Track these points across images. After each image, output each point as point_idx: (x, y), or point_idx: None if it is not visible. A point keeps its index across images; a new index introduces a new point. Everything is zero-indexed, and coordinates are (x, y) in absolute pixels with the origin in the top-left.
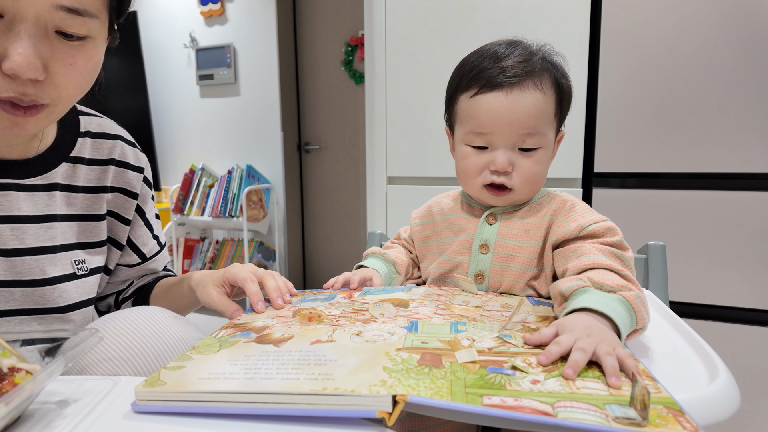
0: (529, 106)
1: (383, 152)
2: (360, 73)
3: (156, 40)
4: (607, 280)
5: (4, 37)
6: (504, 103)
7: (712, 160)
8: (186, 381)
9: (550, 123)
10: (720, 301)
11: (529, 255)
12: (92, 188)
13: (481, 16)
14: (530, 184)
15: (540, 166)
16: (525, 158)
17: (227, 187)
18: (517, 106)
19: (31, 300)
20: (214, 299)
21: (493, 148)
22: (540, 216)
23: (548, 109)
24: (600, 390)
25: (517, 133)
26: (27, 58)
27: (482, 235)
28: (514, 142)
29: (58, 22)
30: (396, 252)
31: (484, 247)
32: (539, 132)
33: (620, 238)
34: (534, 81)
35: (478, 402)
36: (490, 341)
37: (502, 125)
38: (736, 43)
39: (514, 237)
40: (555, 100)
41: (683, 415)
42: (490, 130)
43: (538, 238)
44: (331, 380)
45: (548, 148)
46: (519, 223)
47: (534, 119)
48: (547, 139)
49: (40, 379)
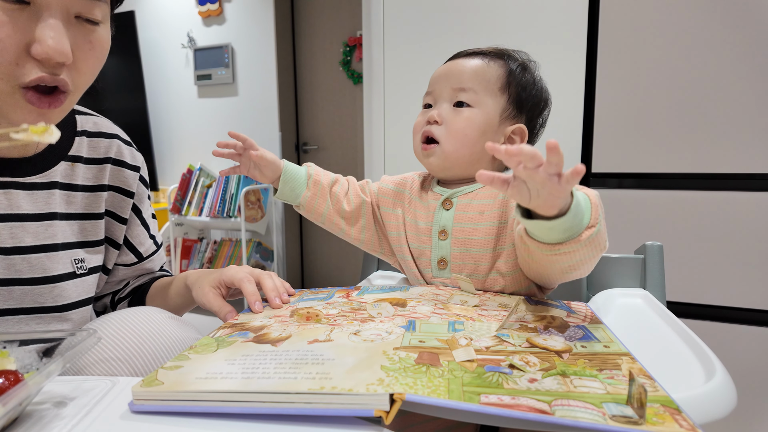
0: (466, 65)
1: (381, 152)
2: (358, 74)
3: (154, 40)
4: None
5: (33, 23)
6: (449, 65)
7: (710, 161)
8: (183, 381)
9: (487, 88)
10: (717, 301)
11: (485, 237)
12: (91, 187)
13: (479, 16)
14: (454, 140)
15: (467, 123)
16: (455, 114)
17: (225, 187)
18: (456, 66)
19: (30, 299)
20: (210, 300)
21: (435, 104)
22: (492, 195)
23: (487, 76)
24: (597, 388)
25: (451, 86)
26: (59, 41)
27: (440, 222)
28: (450, 97)
29: (78, 7)
30: (324, 174)
31: (442, 233)
32: (470, 88)
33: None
34: (483, 57)
35: (476, 400)
36: (487, 340)
37: (441, 80)
38: (734, 42)
39: (470, 220)
40: (501, 75)
41: (680, 413)
42: (432, 87)
43: (492, 218)
44: (329, 379)
45: (482, 111)
46: (473, 205)
47: (468, 75)
48: (482, 102)
49: (38, 379)
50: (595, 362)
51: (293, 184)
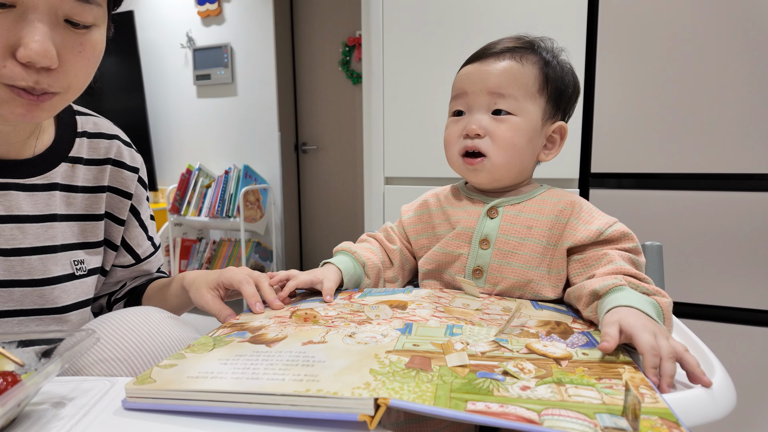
0: (500, 67)
1: (380, 152)
2: (357, 74)
3: (153, 40)
4: (640, 283)
5: (18, 26)
6: (478, 67)
7: (709, 161)
8: (175, 379)
9: (526, 93)
10: (716, 301)
11: (530, 253)
12: (91, 188)
13: (479, 16)
14: (504, 152)
15: (514, 133)
16: (498, 123)
17: (224, 187)
18: (489, 67)
19: (29, 300)
20: (208, 302)
21: (469, 112)
22: (545, 213)
23: (524, 79)
24: (593, 398)
25: (487, 91)
26: (43, 46)
27: (483, 230)
28: (486, 104)
29: (67, 10)
30: (367, 251)
31: (484, 242)
32: (510, 95)
33: (636, 243)
34: (513, 54)
35: (462, 407)
36: (484, 345)
37: (474, 83)
38: (734, 42)
39: (516, 233)
40: (537, 75)
41: (678, 427)
42: (464, 90)
43: (541, 237)
44: (316, 381)
45: (525, 119)
46: (521, 219)
47: (504, 80)
48: (523, 109)
49: (37, 380)
50: (594, 370)
51: (358, 281)
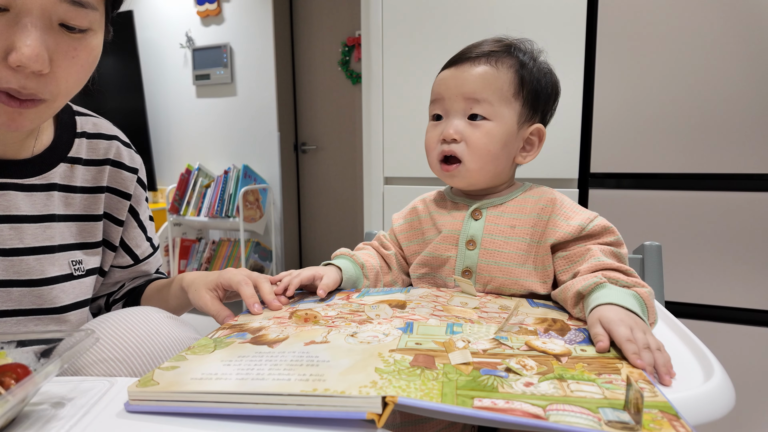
0: (475, 73)
1: (380, 152)
2: (357, 74)
3: (152, 40)
4: (620, 276)
5: (11, 30)
6: (455, 72)
7: (708, 161)
8: (178, 381)
9: (501, 97)
10: (715, 301)
11: (515, 251)
12: (89, 188)
13: (478, 16)
14: (477, 157)
15: (488, 139)
16: (473, 129)
17: (224, 187)
18: (465, 73)
19: (28, 300)
20: (207, 303)
21: (447, 117)
22: (526, 212)
23: (498, 84)
24: (594, 393)
25: (463, 97)
26: (35, 50)
27: (468, 231)
28: (462, 109)
29: (62, 14)
30: (365, 254)
31: (470, 243)
32: (485, 100)
33: (618, 236)
34: (489, 59)
35: (469, 404)
36: (485, 343)
37: (450, 89)
38: (734, 42)
39: (501, 232)
40: (512, 79)
41: (678, 419)
42: (441, 96)
43: (525, 234)
44: (322, 381)
45: (500, 123)
46: (504, 219)
47: (479, 86)
48: (498, 113)
49: (36, 380)
50: (593, 366)
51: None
